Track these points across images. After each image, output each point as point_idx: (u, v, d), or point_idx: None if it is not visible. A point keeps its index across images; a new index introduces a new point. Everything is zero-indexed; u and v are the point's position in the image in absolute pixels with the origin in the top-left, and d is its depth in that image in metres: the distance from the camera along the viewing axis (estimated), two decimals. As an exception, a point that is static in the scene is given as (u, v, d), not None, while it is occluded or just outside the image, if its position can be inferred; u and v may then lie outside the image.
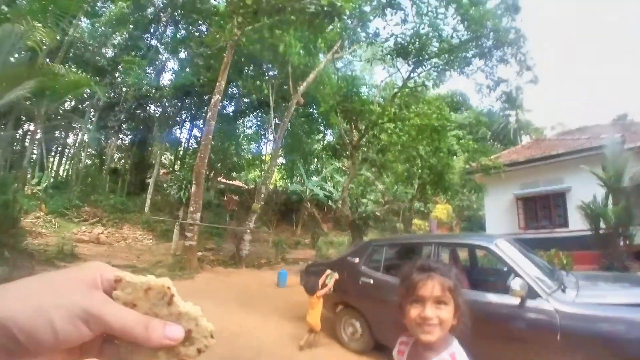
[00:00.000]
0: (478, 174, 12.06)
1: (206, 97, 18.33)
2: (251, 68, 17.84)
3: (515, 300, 2.94)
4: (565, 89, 64.65)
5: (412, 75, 11.80)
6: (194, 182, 10.19)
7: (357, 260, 4.66)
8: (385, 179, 14.98)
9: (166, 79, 21.41)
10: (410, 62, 11.28)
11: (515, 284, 2.89)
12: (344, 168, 20.64)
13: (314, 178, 21.20)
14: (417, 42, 10.23)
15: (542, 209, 12.44)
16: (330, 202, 18.72)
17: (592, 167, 9.94)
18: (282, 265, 11.65)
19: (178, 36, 19.19)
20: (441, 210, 19.74)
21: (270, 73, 17.39)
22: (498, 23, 9.45)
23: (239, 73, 17.18)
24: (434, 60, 11.43)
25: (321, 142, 24.90)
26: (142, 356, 0.37)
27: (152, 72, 19.52)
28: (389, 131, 10.76)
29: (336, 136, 21.27)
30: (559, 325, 2.73)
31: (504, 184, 12.66)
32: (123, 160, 22.51)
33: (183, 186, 13.85)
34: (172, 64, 21.36)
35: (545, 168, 12.13)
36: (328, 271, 4.75)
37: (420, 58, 10.84)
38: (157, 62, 20.13)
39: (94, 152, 20.71)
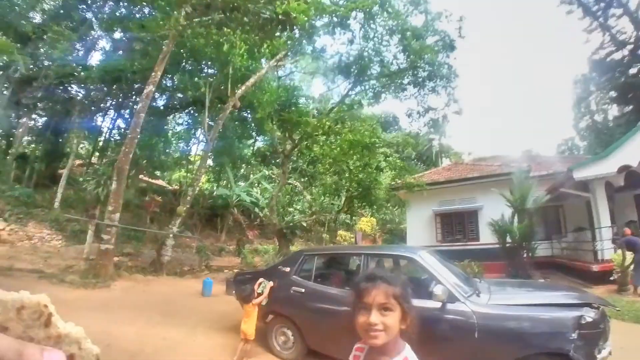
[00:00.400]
0: (402, 191, 12.93)
1: (136, 86, 16.72)
2: (190, 62, 16.84)
3: (438, 304, 3.27)
4: (481, 121, 74.03)
5: (350, 92, 12.35)
6: (114, 178, 9.16)
7: (288, 269, 4.69)
8: (314, 190, 15.25)
9: (95, 59, 19.06)
10: (350, 81, 11.81)
11: (437, 289, 3.25)
12: (272, 175, 20.51)
13: (241, 184, 20.65)
14: (360, 63, 10.76)
15: (457, 224, 13.86)
16: (256, 209, 18.36)
17: (502, 190, 11.39)
18: (205, 273, 11.08)
19: (117, 14, 17.22)
20: (366, 222, 20.65)
21: (210, 71, 16.64)
22: (434, 57, 10.43)
23: (177, 65, 16.09)
24: (373, 82, 12.11)
25: (251, 147, 24.52)
26: None
27: (80, 48, 17.23)
28: (322, 144, 11.05)
29: (268, 143, 21.10)
30: (476, 325, 3.13)
31: (425, 201, 13.80)
32: (34, 145, 19.20)
33: (102, 182, 12.43)
34: (104, 44, 19.11)
35: (461, 188, 13.58)
36: (260, 280, 4.69)
37: (361, 78, 11.43)
38: (88, 39, 17.78)
39: (-1, 132, 17.43)
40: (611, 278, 8.19)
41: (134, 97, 17.53)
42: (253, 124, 19.52)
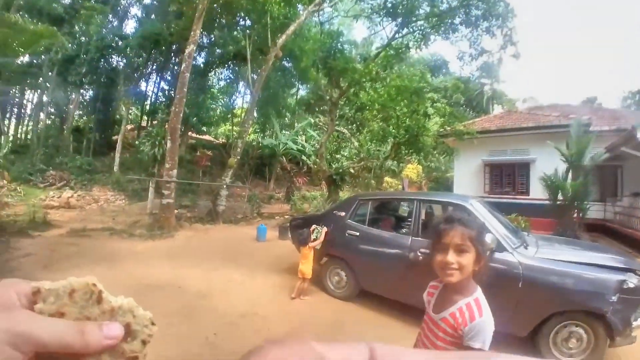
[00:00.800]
0: (451, 138, 12.47)
1: (174, 47, 17.01)
2: (225, 17, 16.59)
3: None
4: (543, 66, 66.49)
5: (397, 35, 11.62)
6: (169, 138, 9.82)
7: (343, 213, 4.92)
8: (361, 136, 15.12)
9: (129, 27, 19.52)
10: (397, 23, 11.07)
11: (487, 238, 3.28)
12: (319, 123, 20.48)
13: (287, 132, 20.91)
14: (407, 2, 9.99)
15: (507, 176, 13.24)
16: (303, 157, 18.65)
17: (557, 143, 10.53)
18: (258, 220, 11.77)
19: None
20: (412, 170, 20.37)
21: (247, 23, 16.32)
22: None
23: (213, 22, 15.97)
24: (421, 22, 11.27)
25: (295, 96, 24.30)
26: None
27: (113, 19, 17.69)
28: (369, 90, 10.74)
29: (312, 91, 20.80)
30: (521, 275, 3.24)
31: (474, 149, 13.18)
32: (85, 118, 20.81)
33: (157, 142, 13.29)
34: (136, 11, 19.38)
35: (513, 139, 12.76)
36: (313, 226, 4.96)
37: (408, 19, 10.66)
38: (119, 9, 18.18)
39: (53, 110, 18.97)
40: None
41: (173, 58, 17.90)
42: (295, 73, 19.34)
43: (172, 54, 18.14)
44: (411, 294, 4.06)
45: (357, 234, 4.63)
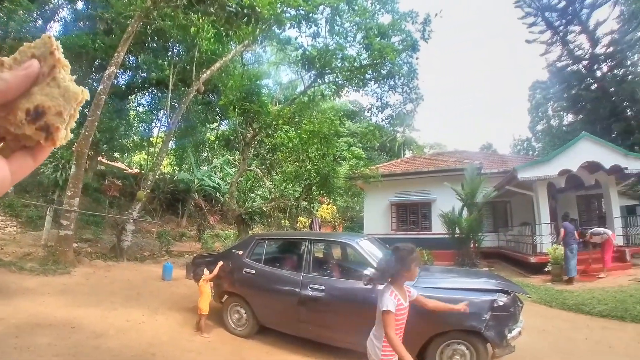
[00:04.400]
0: (359, 181, 13.55)
1: (96, 63, 15.94)
2: (155, 42, 16.24)
3: (369, 285, 3.78)
4: (451, 117, 77.56)
5: (313, 84, 12.64)
6: (74, 162, 8.97)
7: (241, 252, 5.14)
8: (274, 176, 15.55)
9: (54, 29, 17.65)
10: (313, 73, 12.11)
11: (366, 272, 3.78)
12: (234, 161, 20.49)
13: (204, 168, 20.45)
14: (324, 57, 11.08)
15: (412, 214, 14.83)
16: (218, 194, 18.32)
17: (454, 184, 12.29)
18: (166, 258, 11.17)
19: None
20: (326, 210, 21.24)
21: (175, 51, 16.21)
22: (394, 57, 10.88)
23: (141, 44, 15.45)
24: (335, 75, 12.45)
25: (215, 131, 24.10)
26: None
27: (39, 18, 15.97)
28: (282, 132, 11.33)
29: (232, 128, 20.90)
30: None
31: (382, 191, 14.58)
32: None
33: (60, 166, 11.98)
34: (65, 14, 17.77)
35: (417, 181, 14.49)
36: (220, 263, 5.10)
37: (324, 71, 11.75)
38: (46, 7, 16.47)
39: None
40: (545, 269, 9.07)
41: (93, 74, 16.65)
42: (217, 108, 19.33)
43: (93, 70, 16.82)
44: (304, 327, 4.35)
45: (254, 272, 4.85)
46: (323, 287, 4.22)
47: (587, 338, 4.96)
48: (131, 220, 10.90)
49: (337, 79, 12.66)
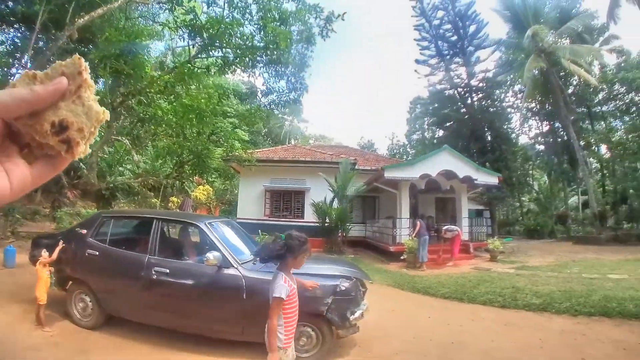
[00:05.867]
0: (234, 163, 13.33)
1: None
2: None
3: (213, 268, 3.80)
4: (344, 114, 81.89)
5: (199, 56, 11.83)
6: None
7: (85, 231, 4.53)
8: (151, 150, 14.22)
9: None
10: (198, 43, 11.32)
11: (209, 255, 3.77)
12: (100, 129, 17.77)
13: (66, 132, 17.08)
14: (215, 28, 10.38)
15: (285, 201, 15.31)
16: (81, 165, 15.84)
17: (329, 176, 13.02)
18: (11, 240, 9.09)
19: None
20: (202, 191, 20.34)
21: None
22: (287, 45, 10.82)
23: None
24: (226, 50, 11.81)
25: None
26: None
27: None
28: (157, 103, 10.40)
29: (102, 89, 18.15)
30: (244, 287, 3.72)
31: (257, 176, 14.64)
32: None
33: None
34: None
35: (293, 169, 15.00)
36: (61, 243, 4.38)
37: (212, 43, 11.06)
38: None
39: None
40: (402, 257, 10.30)
41: None
42: (90, 64, 16.16)
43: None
44: (152, 314, 4.05)
45: (97, 253, 4.31)
46: (167, 271, 3.97)
47: (430, 317, 5.68)
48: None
49: (227, 55, 12.01)
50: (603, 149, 22.56)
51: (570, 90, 21.29)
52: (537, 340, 4.50)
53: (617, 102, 20.75)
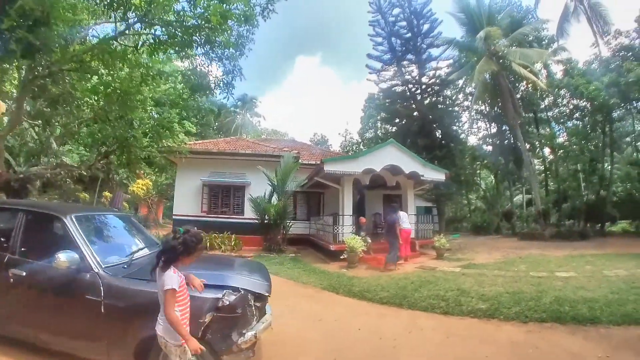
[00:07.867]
0: (170, 155, 12.21)
1: None
2: None
3: (68, 271, 3.01)
4: (300, 109, 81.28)
5: (127, 31, 10.45)
6: None
7: None
8: (75, 138, 12.60)
9: None
10: (129, 19, 9.91)
11: (61, 255, 2.95)
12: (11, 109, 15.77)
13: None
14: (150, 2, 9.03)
15: (224, 197, 14.30)
16: None
17: (270, 170, 12.17)
18: None
19: None
20: (140, 185, 18.63)
21: None
22: (218, 21, 9.63)
23: None
24: (157, 27, 10.53)
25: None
26: None
27: None
28: (72, 81, 9.01)
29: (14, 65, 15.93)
30: (102, 295, 2.93)
31: (195, 169, 13.60)
32: None
33: None
34: None
35: (233, 162, 14.05)
36: None
37: (144, 18, 9.69)
38: None
39: None
40: (341, 257, 9.64)
41: None
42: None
43: None
44: (10, 325, 3.34)
45: None
46: (24, 273, 3.22)
47: (360, 328, 4.90)
48: None
49: (159, 34, 10.65)
50: (547, 151, 23.92)
51: (518, 95, 22.01)
52: (484, 357, 3.89)
53: (562, 107, 21.80)
